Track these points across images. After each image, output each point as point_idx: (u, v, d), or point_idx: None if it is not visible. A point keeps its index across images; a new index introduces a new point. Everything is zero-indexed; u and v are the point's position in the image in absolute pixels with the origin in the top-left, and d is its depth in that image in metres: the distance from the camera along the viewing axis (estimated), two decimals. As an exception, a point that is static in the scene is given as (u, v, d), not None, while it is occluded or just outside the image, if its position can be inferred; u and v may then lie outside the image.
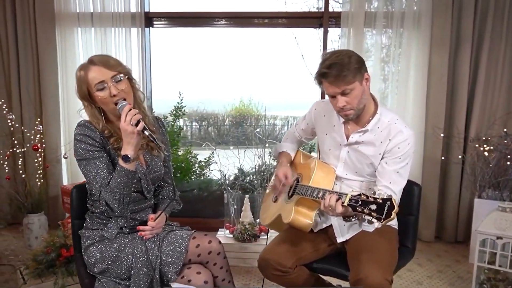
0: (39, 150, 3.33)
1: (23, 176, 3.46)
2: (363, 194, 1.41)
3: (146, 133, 1.49)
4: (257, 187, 3.75)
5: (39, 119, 3.41)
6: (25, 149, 3.37)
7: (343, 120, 1.82)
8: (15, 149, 3.39)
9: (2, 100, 3.38)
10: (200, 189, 4.32)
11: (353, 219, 1.47)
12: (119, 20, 3.67)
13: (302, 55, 4.59)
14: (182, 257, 1.61)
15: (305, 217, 1.75)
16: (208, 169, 4.46)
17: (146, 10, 3.78)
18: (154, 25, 3.89)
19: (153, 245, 1.63)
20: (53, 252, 2.51)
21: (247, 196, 3.33)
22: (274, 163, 4.28)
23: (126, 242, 1.63)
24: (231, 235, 3.31)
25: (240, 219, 3.33)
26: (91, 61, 1.58)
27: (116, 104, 1.56)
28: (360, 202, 1.40)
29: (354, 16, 3.49)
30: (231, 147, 3.89)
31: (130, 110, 1.50)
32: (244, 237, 3.21)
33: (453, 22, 3.40)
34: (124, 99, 1.57)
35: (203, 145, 4.03)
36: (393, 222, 1.90)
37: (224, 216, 3.47)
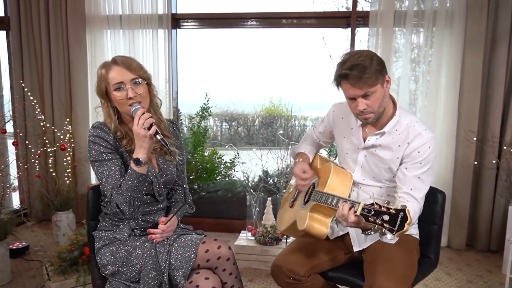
0: (68, 149, 3.42)
1: (53, 174, 3.57)
2: (376, 203, 1.35)
3: (158, 137, 1.49)
4: (281, 189, 3.71)
5: (68, 120, 3.50)
6: (54, 148, 3.47)
7: (361, 122, 1.76)
8: (45, 148, 3.50)
9: (35, 101, 3.49)
10: (225, 190, 4.33)
11: (372, 232, 1.40)
12: (146, 22, 3.72)
13: (330, 56, 4.49)
14: (191, 262, 1.60)
15: (321, 224, 1.70)
16: (233, 170, 4.47)
17: (173, 11, 3.82)
18: (181, 27, 3.91)
19: (162, 249, 1.62)
20: (77, 250, 2.56)
21: (269, 198, 3.29)
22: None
23: (137, 245, 1.63)
24: (253, 238, 3.29)
25: (262, 222, 3.30)
26: (114, 61, 1.60)
27: (130, 105, 1.57)
28: (372, 212, 1.33)
29: (383, 15, 3.38)
30: (254, 149, 3.86)
31: (144, 114, 1.51)
32: (265, 240, 3.18)
33: (489, 20, 3.24)
34: (139, 103, 1.58)
35: (226, 146, 4.02)
36: (414, 231, 1.82)
37: (247, 220, 3.45)
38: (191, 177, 4.39)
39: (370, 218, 1.33)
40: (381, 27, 3.41)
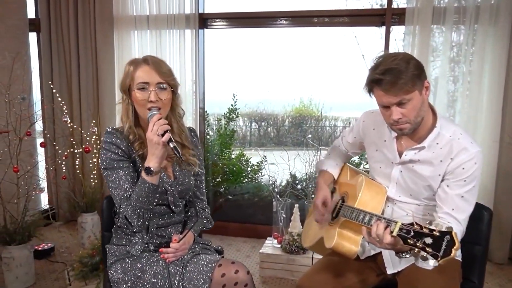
0: (94, 151, 3.40)
1: (80, 176, 3.56)
2: (417, 224, 1.18)
3: (171, 145, 1.39)
4: (309, 195, 3.56)
5: (94, 121, 3.48)
6: (80, 150, 3.46)
7: (396, 134, 1.59)
8: (72, 150, 3.49)
9: (63, 102, 3.49)
10: (251, 194, 4.22)
11: (407, 255, 1.23)
12: (174, 22, 3.65)
13: (363, 56, 4.29)
14: (206, 286, 1.48)
15: (350, 243, 1.55)
16: (259, 174, 4.36)
17: (201, 11, 3.74)
18: (209, 26, 3.83)
19: (175, 270, 1.51)
20: (98, 255, 2.52)
21: (296, 205, 3.15)
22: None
23: (149, 263, 1.54)
24: (279, 246, 3.16)
25: (289, 229, 3.17)
26: (145, 60, 1.52)
27: (149, 109, 1.48)
28: (412, 233, 1.18)
29: (420, 12, 3.17)
30: (282, 151, 3.72)
31: (159, 120, 1.42)
32: (292, 249, 3.05)
33: (539, 16, 2.97)
34: (159, 109, 1.49)
35: (253, 150, 3.91)
36: (457, 253, 1.63)
37: (273, 226, 3.32)
38: (217, 180, 4.31)
39: (409, 240, 1.17)
40: (418, 25, 3.20)
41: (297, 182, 4.00)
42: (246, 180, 4.34)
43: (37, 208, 3.59)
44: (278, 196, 3.26)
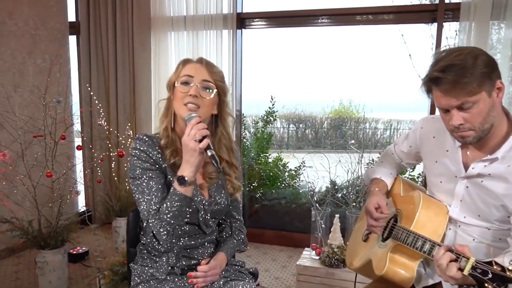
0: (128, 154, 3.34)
1: (115, 179, 3.53)
2: (496, 264, 0.96)
3: (209, 153, 1.23)
4: (350, 203, 3.35)
5: (129, 124, 3.43)
6: (115, 153, 3.42)
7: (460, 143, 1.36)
8: (107, 153, 3.46)
9: (100, 105, 3.47)
10: (289, 200, 4.04)
11: None
12: (211, 22, 3.55)
13: (410, 55, 4.01)
14: None
15: (405, 269, 1.35)
16: (297, 179, 4.17)
17: (239, 10, 3.61)
18: (247, 26, 3.69)
19: None
20: (129, 263, 2.43)
21: (337, 215, 2.95)
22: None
23: None
24: (317, 257, 2.97)
25: (328, 241, 2.97)
26: (199, 59, 1.41)
27: (185, 105, 1.33)
28: (490, 275, 0.95)
29: (478, 7, 2.89)
30: (321, 154, 3.52)
31: (199, 123, 1.26)
32: (331, 262, 2.85)
33: None
34: (198, 107, 1.33)
35: (291, 156, 3.73)
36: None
37: (311, 234, 3.13)
38: (253, 184, 4.17)
39: (486, 285, 0.95)
40: (475, 21, 2.92)
41: (336, 187, 3.79)
42: (283, 185, 4.18)
43: (73, 212, 3.59)
44: (317, 205, 3.07)
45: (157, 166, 1.36)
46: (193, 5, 3.59)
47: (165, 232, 1.28)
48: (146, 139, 1.36)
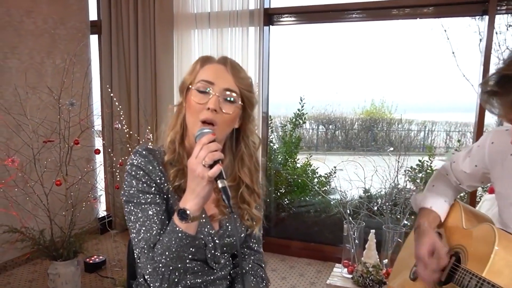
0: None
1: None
2: None
3: (220, 184, 0.95)
4: (386, 214, 3.05)
5: (149, 127, 3.25)
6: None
7: None
8: (127, 157, 3.28)
9: (120, 107, 3.31)
10: (318, 209, 3.77)
11: None
12: (236, 19, 3.33)
13: (453, 53, 3.66)
14: None
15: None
16: (328, 186, 3.90)
17: (266, 6, 3.37)
18: (275, 23, 3.45)
19: None
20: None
21: (372, 231, 2.66)
22: (410, 185, 3.51)
23: None
24: (350, 276, 2.69)
25: (362, 258, 2.68)
26: (222, 60, 1.13)
27: (202, 122, 1.05)
28: None
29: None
30: (344, 159, 3.23)
31: (212, 142, 0.99)
32: (365, 282, 2.57)
33: None
34: (213, 125, 1.06)
35: (324, 162, 3.46)
36: None
37: (343, 247, 2.86)
38: (280, 191, 3.92)
39: None
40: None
41: (367, 195, 3.49)
42: (312, 192, 3.91)
43: (91, 218, 3.44)
44: (350, 218, 2.79)
45: (157, 188, 1.10)
46: (218, 1, 3.38)
47: (158, 277, 1.02)
48: (146, 153, 1.11)
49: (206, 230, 1.13)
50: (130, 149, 3.35)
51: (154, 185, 1.10)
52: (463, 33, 3.64)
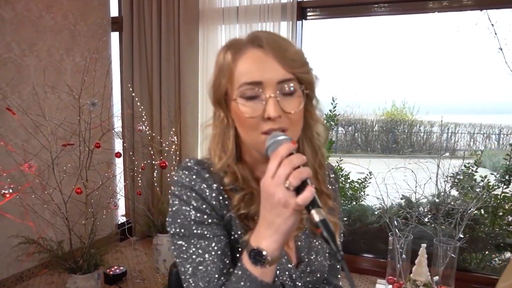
0: (173, 163, 2.95)
1: (158, 189, 3.15)
2: None
3: (317, 216, 0.66)
4: (428, 225, 2.78)
5: (173, 129, 3.04)
6: (158, 162, 3.03)
7: None
8: (149, 161, 3.08)
9: (142, 107, 3.11)
10: (353, 218, 3.50)
11: None
12: (267, 13, 3.10)
13: (501, 49, 3.36)
14: None
15: None
16: (362, 193, 3.64)
17: (299, -1, 3.14)
18: (308, 17, 3.21)
19: None
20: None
21: (423, 245, 2.39)
22: (454, 192, 3.23)
23: None
24: (397, 295, 2.43)
25: (411, 275, 2.41)
26: (254, 39, 0.81)
27: (266, 133, 0.78)
28: None
29: None
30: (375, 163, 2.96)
31: (292, 154, 0.70)
32: (416, 303, 2.30)
33: None
34: (284, 131, 0.78)
35: (357, 165, 3.19)
36: None
37: (387, 256, 2.59)
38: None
39: None
40: None
41: (410, 206, 3.22)
42: (344, 200, 3.64)
43: (112, 225, 3.25)
44: (396, 230, 2.52)
45: (216, 215, 0.83)
46: (247, -6, 3.16)
47: None
48: (199, 169, 0.84)
49: (281, 265, 0.86)
50: (152, 152, 3.15)
51: (212, 211, 0.83)
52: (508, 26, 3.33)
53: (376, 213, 3.20)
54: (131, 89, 3.34)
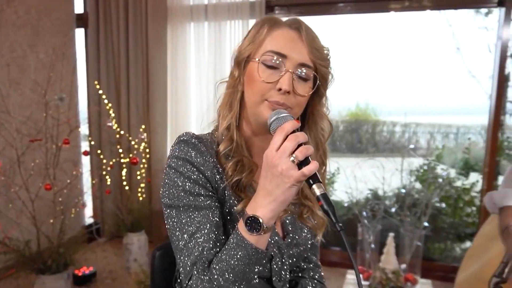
0: (143, 161, 2.92)
1: (126, 188, 3.09)
2: None
3: (317, 190, 0.72)
4: (395, 216, 2.89)
5: (143, 127, 3.00)
6: (128, 160, 2.98)
7: None
8: (118, 159, 3.03)
9: (110, 105, 3.04)
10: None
11: None
12: (236, 11, 3.12)
13: (458, 48, 3.54)
14: None
15: None
16: (331, 188, 3.72)
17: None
18: (277, 15, 3.23)
19: None
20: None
21: (391, 234, 2.49)
22: (418, 185, 3.36)
23: None
24: (367, 283, 2.51)
25: (380, 264, 2.51)
26: (294, 23, 0.88)
27: (269, 103, 0.84)
28: None
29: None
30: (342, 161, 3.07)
31: (297, 131, 0.75)
32: (385, 290, 2.39)
33: None
34: (286, 108, 0.85)
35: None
36: None
37: (356, 248, 2.68)
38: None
39: None
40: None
41: (377, 199, 3.33)
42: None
43: (78, 226, 3.17)
44: (365, 221, 2.60)
45: (212, 187, 0.87)
46: (216, -9, 3.18)
47: None
48: (196, 142, 0.87)
49: (271, 240, 0.89)
50: (121, 150, 3.10)
51: (207, 183, 0.86)
52: (468, 27, 3.52)
53: (345, 205, 3.28)
54: (98, 86, 3.26)
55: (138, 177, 3.04)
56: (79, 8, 3.59)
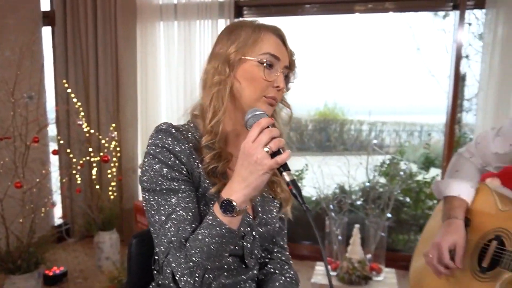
0: (113, 159, 2.92)
1: (97, 187, 3.08)
2: None
3: (287, 178, 0.84)
4: (361, 209, 3.02)
5: (113, 125, 3.00)
6: (98, 158, 2.98)
7: None
8: (88, 158, 3.01)
9: (79, 103, 3.02)
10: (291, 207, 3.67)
11: None
12: (205, 10, 3.17)
13: (418, 49, 3.73)
14: None
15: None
16: (300, 183, 3.83)
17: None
18: (245, 15, 3.32)
19: None
20: (119, 291, 2.02)
21: (357, 226, 2.61)
22: (383, 180, 3.53)
23: None
24: (334, 273, 2.62)
25: (347, 254, 2.62)
26: (277, 32, 1.00)
27: (266, 98, 0.96)
28: None
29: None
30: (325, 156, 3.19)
31: (271, 127, 0.86)
32: (351, 279, 2.50)
33: None
34: (276, 100, 0.99)
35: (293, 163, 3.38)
36: None
37: (324, 243, 2.78)
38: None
39: None
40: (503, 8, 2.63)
41: (344, 194, 3.47)
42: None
43: (47, 226, 3.13)
44: (332, 214, 2.71)
45: (187, 173, 0.94)
46: (185, -9, 3.21)
47: (190, 278, 0.87)
48: (174, 131, 0.94)
49: (243, 218, 0.96)
50: (90, 149, 3.09)
51: (183, 169, 0.93)
52: (428, 28, 3.71)
53: (313, 199, 3.39)
54: (66, 85, 3.23)
55: (109, 176, 3.03)
56: (45, 6, 3.55)
